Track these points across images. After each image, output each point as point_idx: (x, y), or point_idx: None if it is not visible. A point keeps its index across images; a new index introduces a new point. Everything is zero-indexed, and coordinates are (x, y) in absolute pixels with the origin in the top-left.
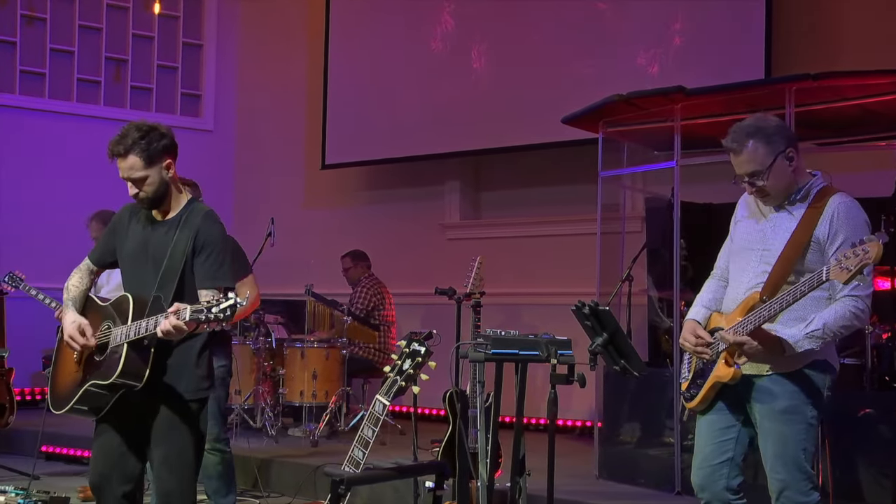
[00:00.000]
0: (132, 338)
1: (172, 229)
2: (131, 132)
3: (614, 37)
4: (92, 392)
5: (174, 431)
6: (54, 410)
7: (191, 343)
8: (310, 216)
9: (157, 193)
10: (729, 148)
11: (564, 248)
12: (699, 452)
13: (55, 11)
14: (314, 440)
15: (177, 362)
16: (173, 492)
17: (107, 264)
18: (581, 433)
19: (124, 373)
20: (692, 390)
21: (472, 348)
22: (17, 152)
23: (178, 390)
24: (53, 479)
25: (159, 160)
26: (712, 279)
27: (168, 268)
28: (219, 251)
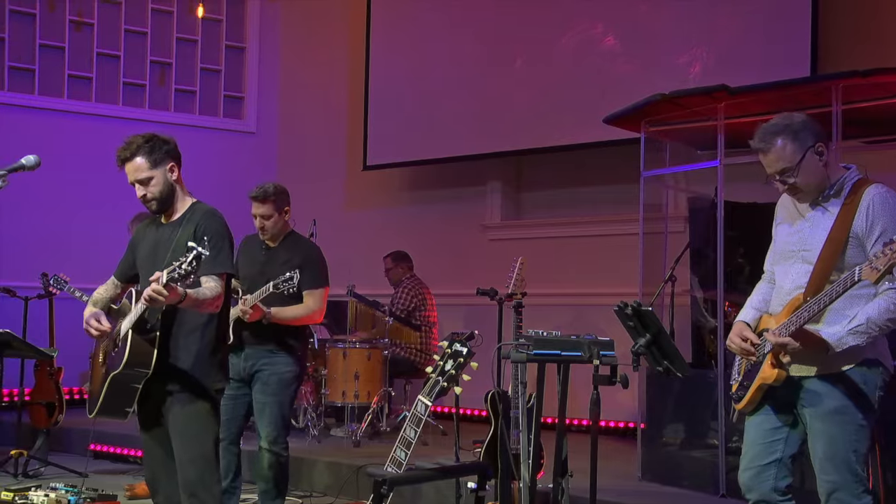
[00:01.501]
0: (132, 322)
1: (177, 228)
2: (136, 139)
3: (656, 36)
4: (113, 385)
5: (192, 425)
6: (89, 415)
7: (202, 333)
8: (352, 217)
9: (163, 194)
10: (757, 148)
11: (606, 249)
12: (747, 453)
13: (102, 16)
14: (356, 440)
15: (186, 355)
16: (196, 482)
17: (129, 278)
18: (624, 434)
19: (132, 359)
20: (740, 392)
21: (513, 349)
22: (63, 155)
23: (192, 381)
24: (101, 476)
25: (163, 163)
26: (762, 282)
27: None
28: (216, 241)
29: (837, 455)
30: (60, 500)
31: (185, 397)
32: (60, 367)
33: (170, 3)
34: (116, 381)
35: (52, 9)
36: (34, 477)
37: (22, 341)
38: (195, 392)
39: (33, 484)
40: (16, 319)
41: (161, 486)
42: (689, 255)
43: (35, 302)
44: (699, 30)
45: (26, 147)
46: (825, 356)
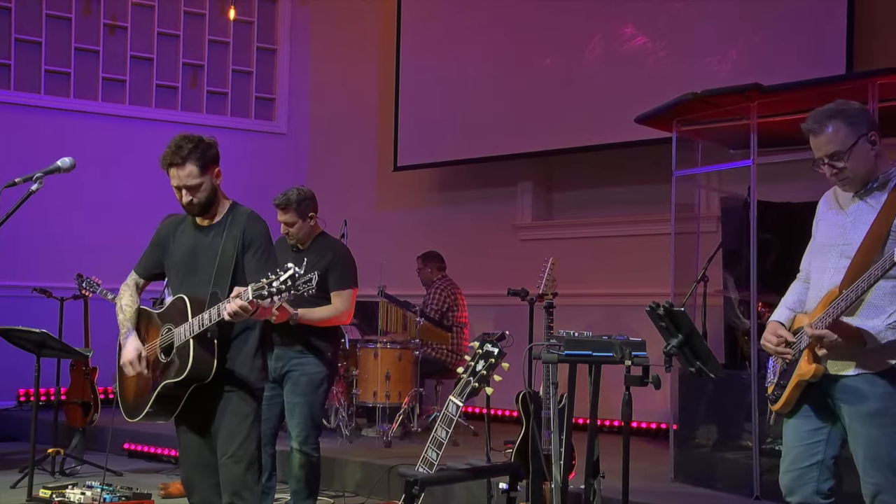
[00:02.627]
0: (197, 331)
1: (220, 232)
2: (184, 142)
3: (688, 34)
4: (166, 393)
5: (234, 424)
6: (129, 419)
7: (246, 335)
8: (382, 218)
9: (208, 200)
10: (809, 130)
11: (638, 249)
12: (787, 455)
13: (135, 19)
14: (387, 441)
15: (234, 355)
16: (237, 482)
17: (153, 276)
18: (656, 435)
19: (194, 367)
20: (777, 392)
21: (545, 349)
22: (98, 157)
23: (237, 382)
24: (136, 475)
25: (210, 168)
26: (797, 281)
27: (221, 266)
28: (265, 247)
29: (881, 458)
30: (96, 498)
31: (230, 398)
32: (95, 367)
33: (202, 6)
34: (170, 389)
35: (87, 13)
36: (70, 475)
37: (58, 341)
38: (240, 393)
39: (70, 482)
40: (52, 320)
41: (197, 486)
42: (721, 256)
43: (70, 302)
44: (731, 28)
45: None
46: (863, 353)
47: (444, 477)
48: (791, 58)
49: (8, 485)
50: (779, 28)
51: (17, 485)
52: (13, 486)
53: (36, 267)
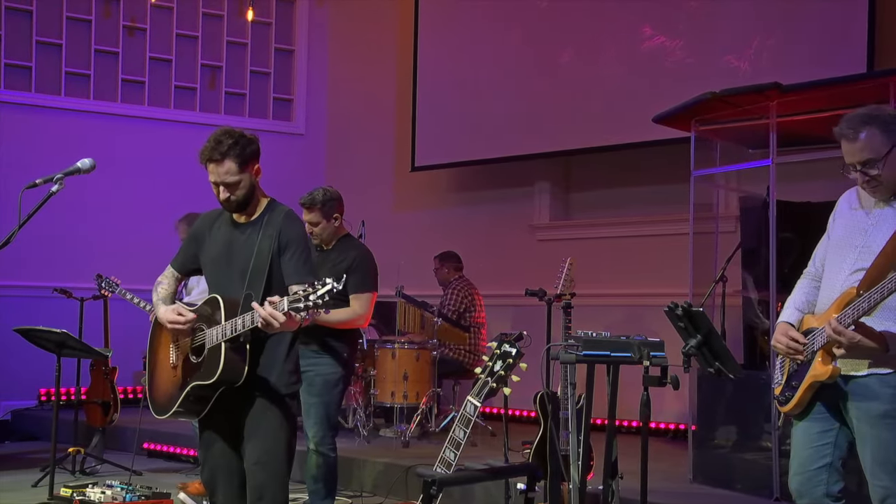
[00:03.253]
0: (229, 335)
1: (256, 230)
2: (225, 138)
3: (706, 33)
4: (195, 393)
5: (265, 427)
6: (157, 416)
7: (280, 339)
8: (400, 218)
9: (246, 197)
10: (842, 135)
11: (656, 249)
12: (796, 457)
13: (154, 21)
14: (405, 441)
15: (267, 359)
16: (265, 486)
17: (189, 271)
18: (674, 436)
19: (226, 370)
20: (786, 393)
21: (563, 350)
22: (117, 158)
23: (269, 386)
24: (155, 475)
25: (250, 165)
26: (804, 279)
27: (255, 267)
28: (302, 248)
29: (889, 461)
30: (116, 497)
31: (261, 403)
32: (115, 367)
33: (220, 7)
34: (198, 390)
35: (106, 15)
36: (91, 474)
37: (78, 341)
38: (271, 398)
39: (90, 481)
40: (72, 320)
41: (220, 488)
42: (740, 256)
43: (90, 303)
44: (750, 27)
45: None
46: (876, 354)
47: (462, 477)
48: (811, 56)
49: (29, 483)
50: (798, 26)
51: (38, 483)
52: (35, 484)
53: (56, 267)
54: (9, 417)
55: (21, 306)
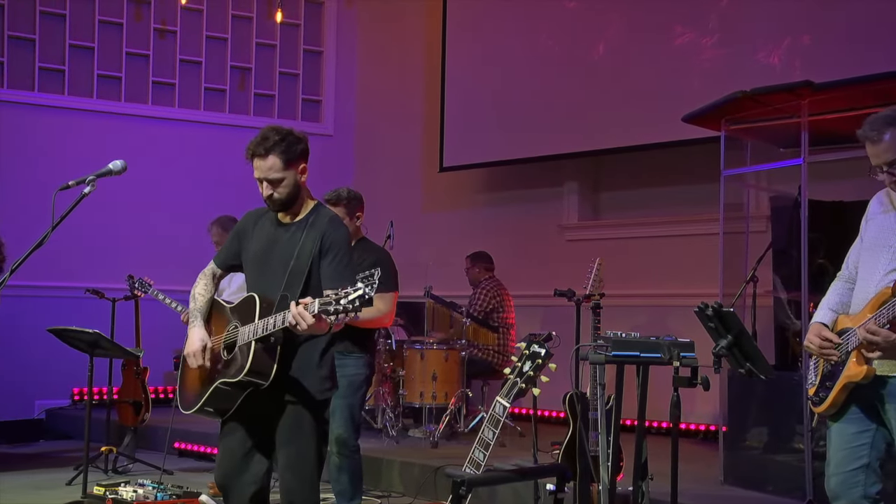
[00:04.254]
0: (260, 335)
1: (300, 232)
2: (272, 134)
3: (737, 32)
4: (221, 391)
5: (297, 432)
6: (184, 410)
7: (314, 343)
8: (429, 219)
9: (290, 196)
10: (866, 137)
11: (686, 249)
12: (832, 459)
13: (184, 24)
14: (434, 441)
15: (300, 363)
16: (296, 491)
17: (231, 268)
18: (705, 437)
19: (252, 370)
20: (821, 394)
21: (592, 350)
22: (149, 159)
23: (301, 391)
24: (186, 474)
25: (295, 164)
26: (838, 281)
27: (295, 268)
28: (343, 254)
29: None
30: (148, 496)
31: (293, 407)
32: (146, 367)
33: (249, 9)
34: (224, 388)
35: (138, 18)
36: (123, 473)
37: (110, 341)
38: (303, 402)
39: (122, 480)
40: (104, 320)
41: (234, 492)
42: (771, 256)
43: (122, 303)
44: (781, 24)
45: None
46: None
47: (491, 478)
48: (843, 54)
49: (64, 481)
50: (830, 24)
51: (72, 481)
52: (69, 482)
53: (88, 268)
54: (43, 416)
55: (54, 307)
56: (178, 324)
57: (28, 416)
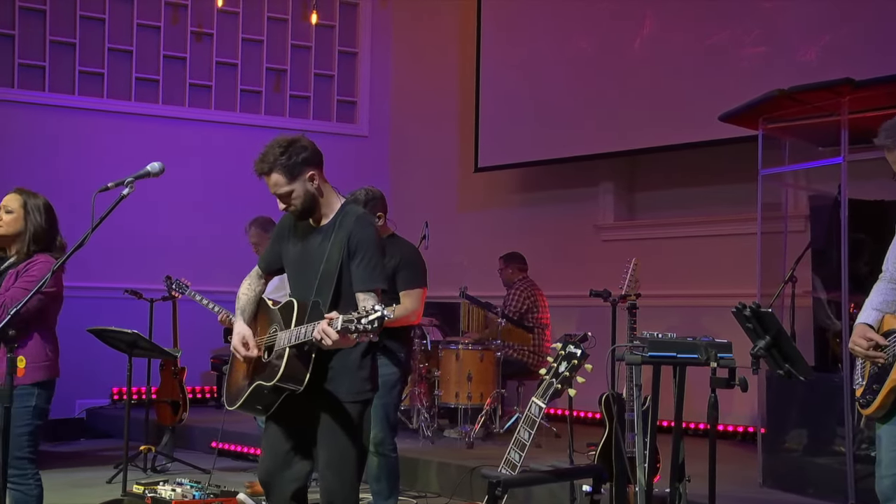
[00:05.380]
0: (292, 343)
1: (328, 234)
2: (272, 149)
3: (774, 30)
4: (258, 392)
5: (337, 433)
6: (228, 406)
7: (354, 348)
8: (464, 219)
9: (305, 205)
10: (883, 145)
11: (722, 249)
12: (882, 460)
13: (221, 26)
14: (469, 442)
15: (339, 365)
16: (336, 492)
17: (274, 270)
18: (743, 439)
19: (285, 377)
20: (867, 396)
21: (628, 351)
22: (186, 161)
23: (340, 392)
24: (223, 473)
25: (301, 174)
26: (881, 281)
27: (325, 272)
28: (371, 254)
29: None
30: (186, 494)
31: (331, 409)
32: (184, 367)
33: (285, 11)
34: (262, 389)
35: (175, 21)
36: (161, 472)
37: (148, 342)
38: (341, 404)
39: (161, 478)
40: (142, 320)
41: (275, 490)
42: (810, 256)
43: (160, 304)
44: (820, 21)
45: (151, 154)
46: None
47: (526, 478)
48: (883, 51)
49: (104, 480)
50: (869, 20)
51: (112, 480)
52: (109, 480)
53: (127, 269)
54: (84, 416)
55: (94, 307)
56: (215, 324)
57: (69, 416)
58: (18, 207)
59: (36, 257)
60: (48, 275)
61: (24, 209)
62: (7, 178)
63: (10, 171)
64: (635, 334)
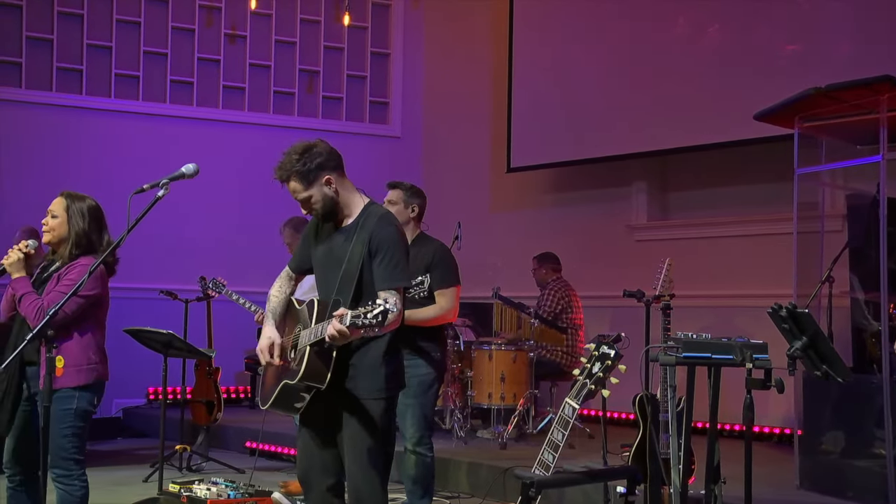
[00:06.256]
0: (311, 341)
1: (350, 235)
2: (289, 157)
3: (809, 26)
4: (286, 391)
5: (360, 431)
6: (261, 406)
7: (377, 343)
8: (496, 219)
9: (326, 208)
10: None
11: (758, 249)
12: None
13: (254, 29)
14: (503, 442)
15: (361, 363)
16: (363, 489)
17: (304, 271)
18: (779, 441)
19: (307, 375)
20: None
21: (662, 351)
22: (220, 163)
23: (362, 390)
24: (257, 473)
25: (317, 179)
26: None
27: (346, 272)
28: (393, 253)
29: None
30: (221, 494)
31: (355, 406)
32: (218, 367)
33: (317, 13)
34: (289, 388)
35: (209, 24)
36: (196, 471)
37: (183, 342)
38: (365, 402)
39: (196, 478)
40: (177, 321)
41: (314, 486)
42: (847, 255)
43: (194, 304)
44: (857, 16)
45: (186, 155)
46: None
47: (560, 479)
48: None
49: (141, 478)
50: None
51: (148, 478)
52: (145, 479)
53: (162, 270)
54: (120, 415)
55: (129, 308)
56: (249, 324)
57: (106, 415)
58: (62, 212)
59: (78, 260)
60: (85, 276)
61: (66, 213)
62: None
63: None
64: (669, 335)
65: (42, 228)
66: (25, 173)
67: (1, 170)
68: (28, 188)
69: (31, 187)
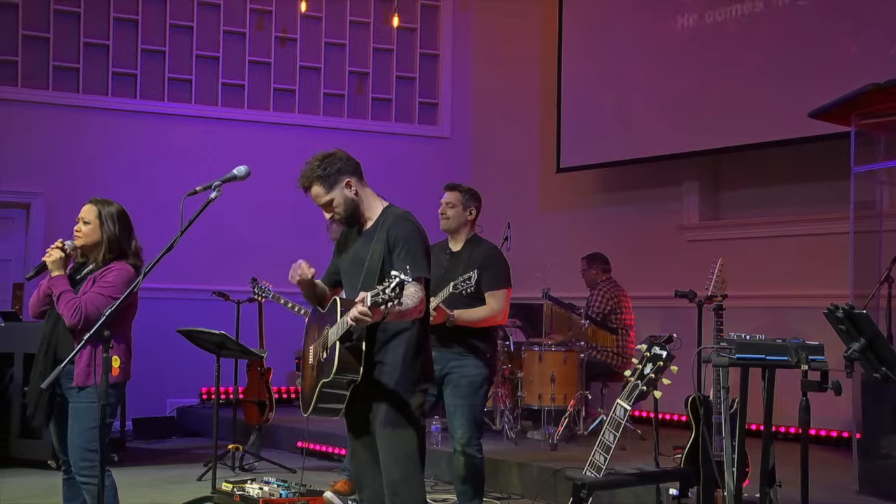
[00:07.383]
0: (340, 334)
1: (371, 237)
2: (310, 164)
3: (867, 19)
4: (325, 392)
5: (393, 425)
6: (302, 413)
7: (405, 339)
8: (546, 220)
9: (348, 211)
10: None
11: (811, 249)
12: None
13: (304, 31)
14: (553, 444)
15: (393, 359)
16: (398, 483)
17: (335, 282)
18: (836, 444)
19: (340, 368)
20: None
21: (715, 352)
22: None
23: (396, 385)
24: (308, 473)
25: (338, 182)
26: None
27: (368, 269)
28: (410, 246)
29: None
30: (273, 493)
31: (389, 400)
32: (270, 368)
33: (367, 15)
34: (326, 387)
35: (259, 27)
36: (249, 470)
37: (235, 342)
38: (399, 395)
39: (249, 477)
40: (229, 321)
41: (366, 483)
42: None
43: (246, 305)
44: None
45: (237, 158)
46: None
47: (612, 481)
48: None
49: (194, 477)
50: None
51: (202, 477)
52: (199, 478)
53: (215, 271)
54: (174, 414)
55: (182, 308)
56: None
57: (160, 414)
58: (94, 218)
59: (112, 265)
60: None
61: (98, 219)
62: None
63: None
64: (722, 336)
65: (74, 234)
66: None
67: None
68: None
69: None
